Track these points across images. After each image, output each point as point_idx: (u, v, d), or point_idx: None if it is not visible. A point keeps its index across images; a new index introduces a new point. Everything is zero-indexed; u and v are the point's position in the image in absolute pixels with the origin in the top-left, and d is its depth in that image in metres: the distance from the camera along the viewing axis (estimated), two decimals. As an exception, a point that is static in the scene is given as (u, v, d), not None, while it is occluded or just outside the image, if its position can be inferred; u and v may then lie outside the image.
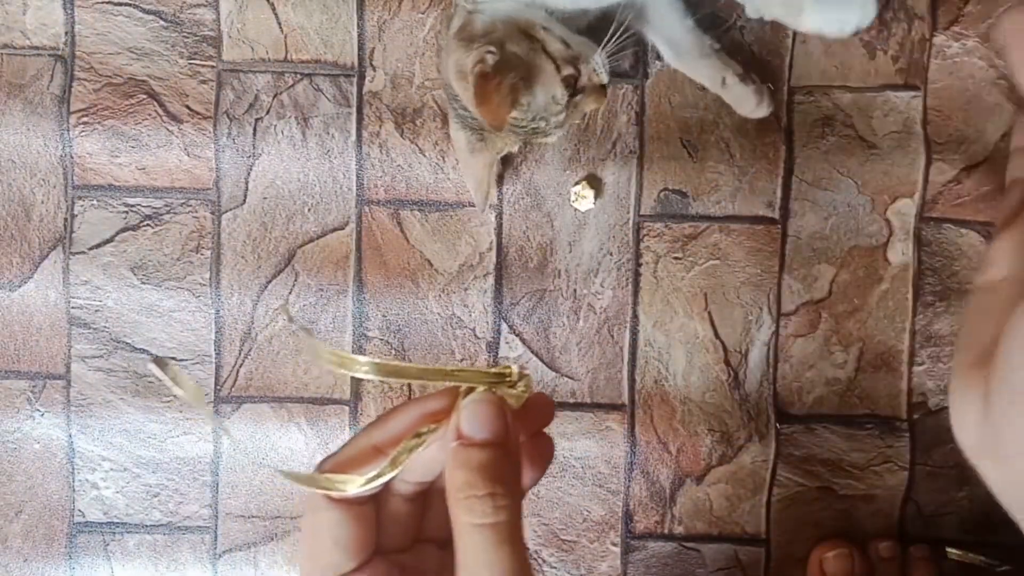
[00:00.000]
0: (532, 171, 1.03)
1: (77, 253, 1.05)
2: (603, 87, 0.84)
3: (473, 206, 1.03)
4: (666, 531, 1.06)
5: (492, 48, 0.79)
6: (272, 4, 1.02)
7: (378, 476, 0.30)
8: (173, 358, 1.06)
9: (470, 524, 0.27)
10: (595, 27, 0.88)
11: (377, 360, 0.32)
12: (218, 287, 1.05)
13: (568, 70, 0.81)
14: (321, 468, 0.32)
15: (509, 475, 0.28)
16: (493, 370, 0.30)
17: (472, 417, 0.28)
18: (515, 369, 0.30)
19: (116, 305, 1.06)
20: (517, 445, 0.29)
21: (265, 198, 1.05)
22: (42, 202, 1.05)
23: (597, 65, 0.83)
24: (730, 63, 0.95)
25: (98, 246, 1.05)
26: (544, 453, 0.31)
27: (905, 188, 1.01)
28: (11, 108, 1.03)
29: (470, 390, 0.29)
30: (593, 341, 1.04)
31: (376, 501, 0.32)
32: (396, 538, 0.33)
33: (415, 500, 0.33)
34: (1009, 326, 0.27)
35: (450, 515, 0.28)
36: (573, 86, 0.82)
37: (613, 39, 0.83)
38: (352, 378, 1.06)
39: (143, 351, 1.07)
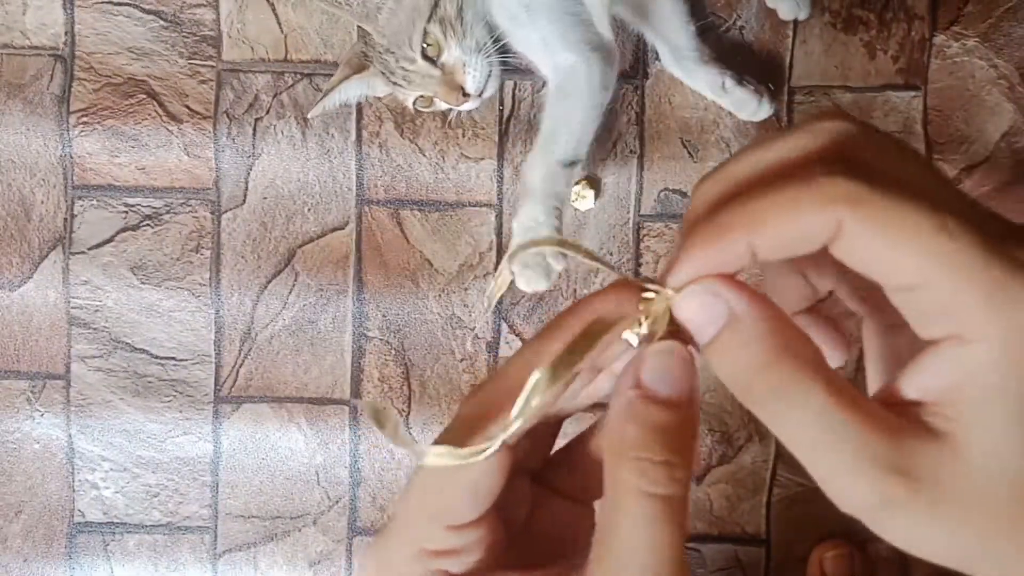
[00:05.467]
0: (532, 171, 1.03)
1: (77, 253, 1.05)
2: (461, 88, 0.82)
3: (474, 206, 1.03)
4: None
5: None
6: (272, 4, 1.02)
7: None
8: (172, 358, 1.06)
9: (639, 490, 0.22)
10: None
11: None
12: (218, 287, 1.05)
13: (434, 28, 0.80)
14: (463, 408, 0.26)
15: (688, 445, 0.24)
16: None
17: (659, 369, 0.24)
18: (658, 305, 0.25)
19: (116, 305, 1.06)
20: (698, 412, 0.25)
21: (265, 198, 1.04)
22: (42, 202, 1.05)
23: (469, 62, 0.81)
24: (726, 69, 0.96)
25: (98, 246, 1.05)
26: None
27: (905, 188, 1.01)
28: (11, 108, 1.03)
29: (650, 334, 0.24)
30: (593, 341, 1.04)
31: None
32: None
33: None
34: None
35: (607, 475, 0.24)
36: (435, 55, 0.81)
37: (488, 46, 0.81)
38: (351, 379, 1.06)
39: (143, 351, 1.07)
